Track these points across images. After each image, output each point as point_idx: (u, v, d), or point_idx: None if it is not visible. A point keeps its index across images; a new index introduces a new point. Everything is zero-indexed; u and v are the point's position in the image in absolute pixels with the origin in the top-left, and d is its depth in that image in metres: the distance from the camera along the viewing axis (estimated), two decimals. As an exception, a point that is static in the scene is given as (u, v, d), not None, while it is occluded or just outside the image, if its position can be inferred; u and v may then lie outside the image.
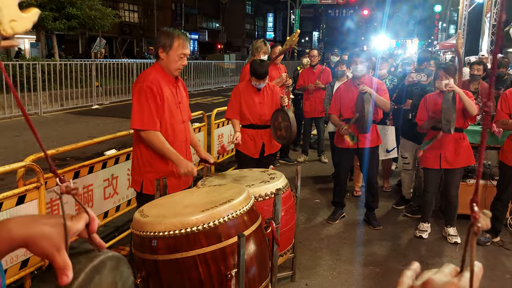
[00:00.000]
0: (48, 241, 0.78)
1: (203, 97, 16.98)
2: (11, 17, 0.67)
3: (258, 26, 58.39)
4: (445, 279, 0.62)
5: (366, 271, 3.90)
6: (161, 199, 2.55)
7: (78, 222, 0.83)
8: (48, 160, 0.83)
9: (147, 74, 3.06)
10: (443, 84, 4.16)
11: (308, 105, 7.35)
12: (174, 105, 3.10)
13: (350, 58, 4.84)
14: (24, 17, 0.69)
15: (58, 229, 0.80)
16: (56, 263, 0.78)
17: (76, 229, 0.82)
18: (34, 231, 0.78)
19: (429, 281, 0.63)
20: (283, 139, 4.23)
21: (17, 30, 0.68)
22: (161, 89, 2.99)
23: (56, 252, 0.78)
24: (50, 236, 0.78)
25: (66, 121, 11.00)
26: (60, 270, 0.78)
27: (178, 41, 3.00)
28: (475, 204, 0.60)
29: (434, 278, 0.63)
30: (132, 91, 3.10)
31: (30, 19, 0.70)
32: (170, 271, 2.04)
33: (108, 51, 33.38)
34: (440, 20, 34.82)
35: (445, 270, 0.64)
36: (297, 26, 31.28)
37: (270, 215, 2.78)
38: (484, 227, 0.60)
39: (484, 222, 0.60)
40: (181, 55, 3.03)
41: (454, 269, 0.64)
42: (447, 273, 0.64)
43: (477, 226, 0.60)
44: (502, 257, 4.22)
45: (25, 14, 0.69)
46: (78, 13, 15.24)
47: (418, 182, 5.35)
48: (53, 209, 3.28)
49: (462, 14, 12.03)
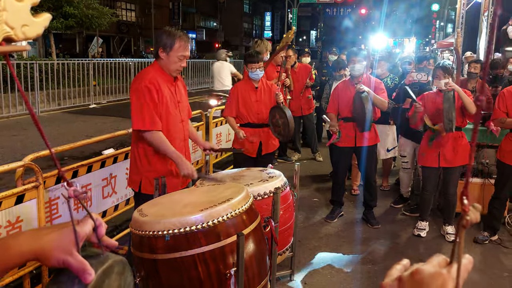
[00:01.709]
0: (58, 250, 0.79)
1: (201, 96, 16.96)
2: (23, 21, 0.67)
3: (256, 25, 58.32)
4: (433, 269, 0.63)
5: (364, 270, 3.90)
6: (160, 198, 2.55)
7: (85, 226, 0.84)
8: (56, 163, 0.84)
9: (146, 73, 3.04)
10: (442, 83, 4.17)
11: (294, 104, 7.26)
12: (173, 104, 3.09)
13: (348, 58, 4.85)
14: (36, 22, 0.69)
15: (65, 236, 0.81)
16: (73, 266, 0.79)
17: (84, 232, 0.83)
18: (42, 243, 0.80)
19: (417, 271, 0.63)
20: (282, 135, 4.25)
21: (28, 35, 0.68)
22: (159, 88, 2.97)
23: (69, 257, 0.79)
24: (59, 245, 0.80)
25: (64, 120, 10.97)
26: (79, 271, 0.79)
27: (179, 42, 2.98)
28: (465, 197, 0.60)
29: (422, 269, 0.63)
30: (130, 91, 3.09)
31: (41, 24, 0.70)
32: (169, 270, 2.04)
33: (106, 50, 33.31)
34: (438, 19, 34.84)
35: (434, 260, 0.65)
36: (295, 25, 31.27)
37: (269, 214, 2.78)
38: (473, 220, 0.61)
39: (474, 216, 0.61)
40: (181, 57, 3.01)
41: (444, 260, 0.65)
42: (435, 264, 0.64)
43: (466, 219, 0.60)
44: (500, 255, 4.24)
45: (37, 19, 0.69)
46: (75, 12, 15.19)
47: (416, 181, 5.37)
48: (51, 208, 3.28)
49: (459, 12, 12.03)
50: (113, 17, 18.66)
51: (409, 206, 5.28)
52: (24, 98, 0.77)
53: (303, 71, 7.21)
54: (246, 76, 4.45)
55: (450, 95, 4.08)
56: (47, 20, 0.70)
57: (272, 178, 3.02)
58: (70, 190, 0.82)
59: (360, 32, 48.10)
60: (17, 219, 2.94)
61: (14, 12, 0.65)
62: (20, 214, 2.95)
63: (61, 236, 0.81)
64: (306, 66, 7.37)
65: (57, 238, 0.80)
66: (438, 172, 4.57)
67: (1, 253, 0.79)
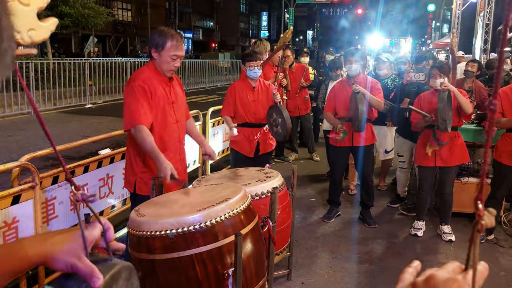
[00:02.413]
0: (66, 254, 0.79)
1: (197, 96, 16.95)
2: (29, 26, 0.66)
3: (253, 25, 58.33)
4: (447, 276, 0.62)
5: (361, 269, 3.91)
6: (157, 198, 2.54)
7: (93, 230, 0.84)
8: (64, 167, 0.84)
9: (140, 73, 3.02)
10: (438, 83, 4.18)
11: (291, 104, 7.29)
12: (167, 104, 3.04)
13: (345, 58, 4.86)
14: (42, 26, 0.69)
15: (73, 240, 0.81)
16: (81, 271, 0.79)
17: (93, 237, 0.83)
18: (50, 247, 0.79)
19: (432, 276, 0.63)
20: (279, 135, 4.25)
21: (35, 39, 0.67)
22: (153, 88, 2.94)
23: (77, 261, 0.79)
24: (67, 249, 0.79)
25: (59, 120, 10.93)
26: (87, 276, 0.79)
27: (171, 42, 2.92)
28: (479, 202, 0.59)
29: (437, 274, 0.63)
30: (124, 91, 3.06)
31: (48, 28, 0.69)
32: (167, 270, 2.04)
33: (101, 49, 33.20)
34: (434, 19, 34.99)
35: (449, 267, 0.64)
36: (291, 25, 31.30)
37: (266, 214, 2.78)
38: (489, 225, 0.60)
39: (489, 220, 0.60)
40: (174, 56, 2.95)
41: (458, 266, 0.64)
42: (450, 270, 0.63)
43: (481, 224, 0.59)
44: (496, 254, 4.25)
45: (43, 23, 0.69)
46: (71, 11, 15.16)
47: (413, 180, 5.38)
48: (48, 209, 3.26)
49: (455, 13, 12.09)
50: (109, 16, 18.62)
51: (406, 205, 5.30)
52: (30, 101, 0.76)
53: (300, 71, 7.22)
54: (244, 76, 4.45)
55: (444, 95, 4.09)
56: (53, 25, 0.70)
57: (270, 178, 3.02)
58: (78, 193, 0.82)
59: (357, 32, 48.22)
60: (14, 219, 2.93)
61: (21, 16, 0.65)
62: (16, 215, 2.94)
63: (69, 240, 0.80)
64: (302, 66, 7.37)
65: (65, 242, 0.80)
66: (434, 171, 4.58)
67: (7, 257, 0.79)
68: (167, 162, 2.76)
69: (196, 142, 3.43)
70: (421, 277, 0.64)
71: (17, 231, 2.95)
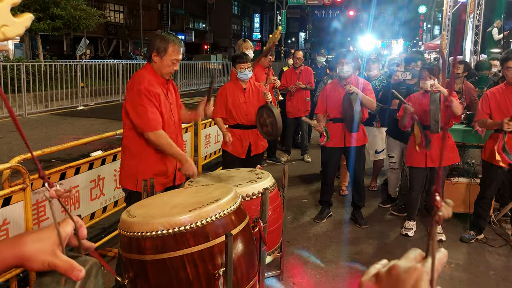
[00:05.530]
0: (41, 252, 0.78)
1: (190, 98, 16.92)
2: (3, 22, 0.66)
3: (245, 26, 58.40)
4: (409, 264, 0.65)
5: (353, 269, 3.93)
6: (148, 199, 2.55)
7: (66, 227, 0.84)
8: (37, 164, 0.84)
9: (143, 76, 3.07)
10: (428, 84, 4.22)
11: (290, 105, 7.36)
12: (167, 106, 3.15)
13: (336, 59, 4.89)
14: (16, 22, 0.68)
15: (46, 238, 0.80)
16: (60, 267, 0.78)
17: (66, 233, 0.83)
18: (24, 248, 0.79)
19: (394, 267, 0.65)
20: (270, 135, 4.26)
21: (8, 35, 0.67)
22: (158, 91, 3.04)
23: (54, 258, 0.78)
24: (41, 248, 0.79)
25: (51, 122, 10.87)
26: (68, 270, 0.78)
27: (173, 47, 3.04)
28: (437, 194, 0.63)
29: (399, 264, 0.65)
30: (129, 93, 3.07)
31: (22, 24, 0.69)
32: (157, 271, 2.04)
33: (93, 51, 33.06)
34: (425, 21, 35.20)
35: (410, 255, 0.67)
36: (283, 27, 31.37)
37: (257, 214, 2.79)
38: (446, 216, 0.63)
39: (446, 211, 0.63)
40: (174, 60, 3.07)
41: (420, 254, 0.67)
42: (411, 259, 0.66)
43: (438, 215, 0.62)
44: (486, 254, 4.30)
45: (18, 19, 0.68)
46: (62, 13, 15.06)
47: (404, 181, 5.42)
48: (39, 210, 3.25)
49: (446, 15, 12.19)
50: (100, 18, 18.53)
51: (397, 206, 5.33)
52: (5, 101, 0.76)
53: (304, 72, 7.34)
54: (234, 77, 4.47)
55: (436, 97, 4.13)
56: (28, 20, 0.69)
57: (261, 178, 3.03)
58: (52, 190, 0.82)
59: (349, 33, 48.40)
60: (4, 221, 2.92)
61: None
62: (7, 217, 2.93)
63: (42, 239, 0.80)
64: (309, 70, 7.50)
65: (38, 241, 0.79)
66: (425, 172, 4.62)
67: None
68: (191, 162, 3.10)
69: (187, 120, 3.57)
70: (384, 268, 0.67)
71: (7, 233, 2.94)
